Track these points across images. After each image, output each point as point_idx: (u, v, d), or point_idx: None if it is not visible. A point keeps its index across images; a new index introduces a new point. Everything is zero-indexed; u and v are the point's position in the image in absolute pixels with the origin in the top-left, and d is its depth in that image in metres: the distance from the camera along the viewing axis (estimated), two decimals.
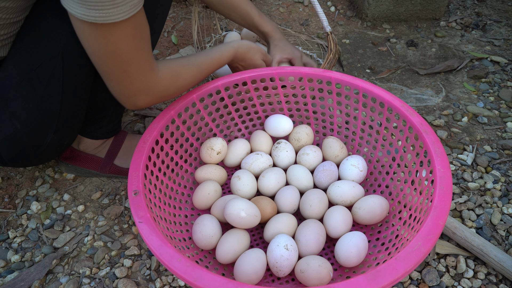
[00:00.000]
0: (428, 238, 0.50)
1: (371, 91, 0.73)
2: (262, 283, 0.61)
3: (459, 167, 0.86)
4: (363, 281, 0.45)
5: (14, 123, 0.63)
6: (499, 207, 0.78)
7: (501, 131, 0.95)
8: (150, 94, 0.61)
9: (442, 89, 1.07)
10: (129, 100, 0.61)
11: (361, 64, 1.16)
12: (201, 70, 0.70)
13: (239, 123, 0.85)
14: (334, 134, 0.83)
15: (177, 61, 0.66)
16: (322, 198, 0.68)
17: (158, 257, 0.50)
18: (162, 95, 0.63)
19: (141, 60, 0.56)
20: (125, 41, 0.52)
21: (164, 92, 0.63)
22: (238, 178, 0.72)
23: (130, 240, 0.74)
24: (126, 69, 0.55)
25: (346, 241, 0.61)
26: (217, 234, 0.64)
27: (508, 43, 1.23)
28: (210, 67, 0.72)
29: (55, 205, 0.80)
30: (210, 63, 0.72)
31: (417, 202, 0.62)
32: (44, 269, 0.69)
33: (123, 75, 0.56)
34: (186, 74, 0.66)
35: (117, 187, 0.83)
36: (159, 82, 0.61)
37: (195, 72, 0.68)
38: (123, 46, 0.52)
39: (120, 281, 0.67)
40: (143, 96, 0.60)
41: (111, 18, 0.48)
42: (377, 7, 1.28)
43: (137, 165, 0.61)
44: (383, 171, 0.75)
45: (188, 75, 0.67)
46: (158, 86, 0.61)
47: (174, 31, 1.28)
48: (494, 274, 0.68)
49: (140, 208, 0.55)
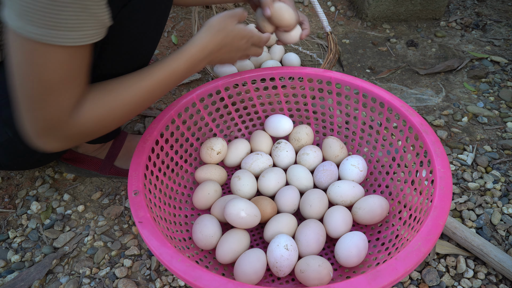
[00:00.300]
0: (428, 238, 0.50)
1: (371, 91, 0.73)
2: (262, 283, 0.61)
3: (459, 167, 0.86)
4: (363, 281, 0.45)
5: (6, 131, 0.61)
6: (499, 207, 0.78)
7: (501, 131, 0.95)
8: (61, 137, 0.51)
9: (442, 89, 1.07)
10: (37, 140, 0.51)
11: (361, 64, 1.16)
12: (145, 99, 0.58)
13: (239, 123, 0.85)
14: (334, 134, 0.83)
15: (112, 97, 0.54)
16: (322, 198, 0.68)
17: (158, 257, 0.50)
18: (77, 140, 0.54)
19: (64, 96, 0.48)
20: (56, 68, 0.46)
21: (80, 137, 0.54)
22: (238, 178, 0.72)
23: (130, 240, 0.74)
24: (44, 99, 0.47)
25: (346, 241, 0.60)
26: (217, 234, 0.64)
27: (508, 43, 1.23)
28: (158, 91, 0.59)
29: (55, 205, 0.80)
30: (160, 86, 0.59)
31: (417, 202, 0.62)
32: (44, 269, 0.69)
33: (39, 105, 0.48)
34: (120, 111, 0.55)
35: (117, 187, 0.83)
36: (75, 127, 0.51)
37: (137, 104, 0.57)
38: (50, 72, 0.46)
39: (120, 281, 0.67)
40: (52, 138, 0.51)
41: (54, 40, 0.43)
42: (377, 7, 1.28)
43: (137, 165, 0.61)
44: (383, 171, 0.75)
45: (123, 111, 0.55)
46: (73, 130, 0.51)
47: (174, 31, 1.28)
48: (494, 274, 0.68)
49: (140, 208, 0.55)
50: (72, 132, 0.51)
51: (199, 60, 0.62)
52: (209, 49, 0.63)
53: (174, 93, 1.05)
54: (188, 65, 0.61)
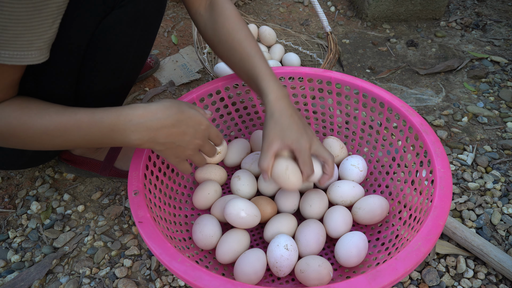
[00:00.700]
0: (428, 238, 0.50)
1: (371, 91, 0.73)
2: (262, 283, 0.61)
3: (459, 167, 0.86)
4: (363, 281, 0.45)
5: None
6: (499, 207, 0.78)
7: (501, 131, 0.95)
8: None
9: (442, 89, 1.07)
10: None
11: (361, 64, 1.16)
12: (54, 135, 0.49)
13: (239, 123, 0.85)
14: (334, 134, 0.83)
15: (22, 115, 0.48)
16: (322, 198, 0.68)
17: (158, 257, 0.50)
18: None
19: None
20: None
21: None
22: (238, 178, 0.72)
23: (130, 240, 0.74)
24: None
25: (346, 241, 0.60)
26: (217, 234, 0.64)
27: (508, 43, 1.23)
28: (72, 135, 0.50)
29: (55, 205, 0.80)
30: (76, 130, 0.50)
31: (417, 202, 0.62)
32: (44, 269, 0.69)
33: None
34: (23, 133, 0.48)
35: (117, 187, 0.83)
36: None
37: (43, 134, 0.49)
38: None
39: (120, 281, 0.67)
40: None
41: None
42: (377, 7, 1.28)
43: (137, 165, 0.61)
44: (383, 171, 0.75)
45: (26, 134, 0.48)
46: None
47: (174, 31, 1.28)
48: (494, 274, 0.68)
49: (140, 208, 0.55)
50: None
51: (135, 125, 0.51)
52: (158, 117, 0.51)
53: (174, 93, 1.05)
54: (119, 124, 0.50)
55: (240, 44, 0.64)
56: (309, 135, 0.61)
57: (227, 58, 0.67)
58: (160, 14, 0.63)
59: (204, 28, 0.68)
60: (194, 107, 0.57)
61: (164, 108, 0.52)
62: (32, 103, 0.49)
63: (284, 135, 0.59)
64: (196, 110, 0.57)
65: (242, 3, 1.38)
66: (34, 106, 0.49)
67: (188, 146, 0.56)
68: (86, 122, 0.50)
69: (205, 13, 0.68)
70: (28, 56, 0.43)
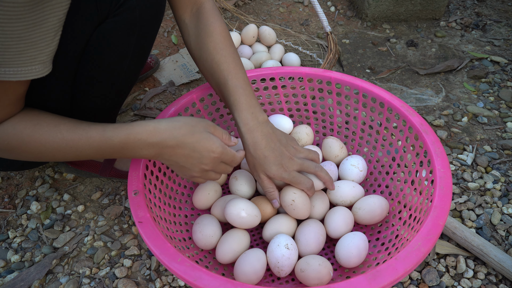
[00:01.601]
0: (428, 238, 0.50)
1: (371, 91, 0.73)
2: (262, 283, 0.61)
3: (459, 167, 0.86)
4: (363, 281, 0.46)
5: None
6: (499, 207, 0.78)
7: (501, 131, 0.95)
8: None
9: (442, 89, 1.07)
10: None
11: (361, 64, 1.16)
12: (65, 152, 0.51)
13: None
14: (334, 134, 0.83)
15: (33, 130, 0.49)
16: (323, 199, 0.68)
17: (158, 257, 0.50)
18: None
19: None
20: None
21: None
22: (235, 178, 0.72)
23: (130, 240, 0.74)
24: None
25: (347, 242, 0.60)
26: (217, 234, 0.64)
27: (508, 43, 1.23)
28: (83, 151, 0.51)
29: (55, 205, 0.80)
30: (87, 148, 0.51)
31: (417, 202, 0.62)
32: (44, 269, 0.69)
33: None
34: (34, 147, 0.49)
35: (117, 187, 0.83)
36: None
37: (53, 150, 0.50)
38: None
39: (120, 281, 0.67)
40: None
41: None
42: (377, 7, 1.28)
43: (137, 165, 0.61)
44: (383, 171, 0.75)
45: (37, 149, 0.50)
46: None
47: (174, 31, 1.28)
48: (494, 274, 0.68)
49: (140, 208, 0.55)
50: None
51: (144, 143, 0.52)
52: (163, 138, 0.52)
53: (174, 93, 1.05)
54: (129, 142, 0.52)
55: (218, 66, 0.62)
56: (288, 155, 0.60)
57: (206, 77, 0.66)
58: (157, 22, 0.62)
59: (187, 38, 0.66)
60: (213, 131, 0.55)
61: (173, 129, 0.53)
62: (42, 120, 0.50)
63: (265, 169, 0.59)
64: (212, 135, 0.55)
65: (242, 3, 1.38)
66: (45, 124, 0.50)
67: (192, 168, 0.56)
68: (97, 140, 0.51)
69: (190, 23, 0.65)
70: (32, 71, 0.43)
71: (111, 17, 0.54)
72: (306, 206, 0.63)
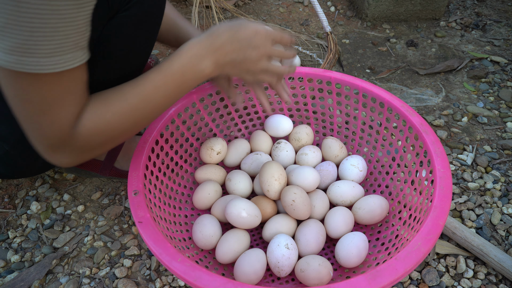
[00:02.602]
0: (428, 238, 0.50)
1: (371, 91, 0.73)
2: (262, 283, 0.61)
3: (459, 167, 0.86)
4: (363, 281, 0.46)
5: (3, 146, 0.60)
6: (499, 207, 0.78)
7: (501, 131, 0.95)
8: (70, 152, 0.50)
9: (442, 89, 1.07)
10: (49, 157, 0.50)
11: (361, 64, 1.16)
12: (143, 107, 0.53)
13: (239, 123, 0.85)
14: (334, 134, 0.83)
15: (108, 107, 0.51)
16: (323, 199, 0.68)
17: (158, 257, 0.50)
18: (86, 153, 0.52)
19: (59, 115, 0.46)
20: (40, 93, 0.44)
21: (88, 150, 0.51)
22: (229, 180, 0.72)
23: (130, 240, 0.74)
24: (40, 120, 0.46)
25: (347, 242, 0.60)
26: (217, 234, 0.64)
27: (508, 43, 1.23)
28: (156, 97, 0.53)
29: (55, 205, 0.80)
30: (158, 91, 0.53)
31: (417, 202, 0.62)
32: (44, 269, 0.69)
33: (37, 125, 0.47)
34: (119, 121, 0.51)
35: (117, 187, 0.83)
36: (79, 141, 0.49)
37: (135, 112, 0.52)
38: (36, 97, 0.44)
39: (120, 281, 0.67)
40: (62, 154, 0.50)
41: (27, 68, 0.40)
42: (377, 7, 1.28)
43: (137, 165, 0.61)
44: (383, 171, 0.75)
45: (122, 121, 0.52)
46: (78, 144, 0.50)
47: None
48: (494, 274, 0.68)
49: (140, 208, 0.55)
50: (78, 145, 0.50)
51: (199, 56, 0.53)
52: (213, 42, 0.53)
53: None
54: (184, 63, 0.53)
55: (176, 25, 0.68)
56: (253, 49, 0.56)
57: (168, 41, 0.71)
58: (161, 15, 0.62)
59: None
60: (257, 22, 0.57)
61: (217, 34, 0.54)
62: (105, 96, 0.51)
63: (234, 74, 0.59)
64: (256, 23, 0.56)
65: (242, 3, 1.38)
66: (110, 96, 0.51)
67: (251, 58, 0.56)
68: (160, 78, 0.52)
69: None
70: (80, 56, 0.44)
71: (121, 11, 0.54)
72: (306, 206, 0.63)
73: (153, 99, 0.53)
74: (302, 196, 0.63)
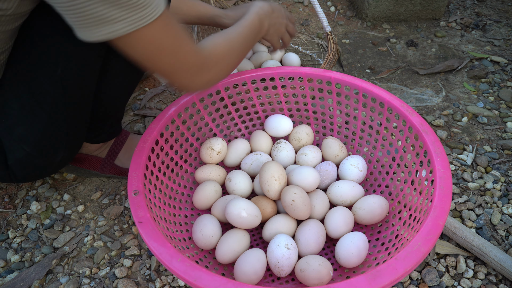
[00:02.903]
0: (428, 238, 0.50)
1: (371, 91, 0.73)
2: (262, 283, 0.61)
3: (459, 167, 0.86)
4: (363, 281, 0.46)
5: (23, 147, 0.62)
6: (499, 207, 0.78)
7: (501, 131, 0.95)
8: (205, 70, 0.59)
9: (442, 89, 1.07)
10: (194, 85, 0.59)
11: (361, 64, 1.16)
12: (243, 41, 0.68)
13: (239, 123, 0.85)
14: (334, 134, 0.83)
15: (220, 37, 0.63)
16: (323, 199, 0.68)
17: (158, 257, 0.50)
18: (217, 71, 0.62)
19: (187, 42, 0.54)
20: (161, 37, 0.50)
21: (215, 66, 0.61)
22: (229, 180, 0.72)
23: (130, 240, 0.74)
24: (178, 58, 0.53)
25: (347, 242, 0.60)
26: (217, 234, 0.64)
27: (508, 43, 1.23)
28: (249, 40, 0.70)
29: (55, 205, 0.80)
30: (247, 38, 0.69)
31: (417, 202, 0.62)
32: (44, 269, 0.69)
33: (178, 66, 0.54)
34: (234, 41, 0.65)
35: (117, 187, 0.83)
36: (208, 57, 0.59)
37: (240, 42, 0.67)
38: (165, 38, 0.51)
39: (120, 281, 0.67)
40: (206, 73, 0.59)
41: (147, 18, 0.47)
42: (377, 7, 1.28)
43: (137, 165, 0.61)
44: (383, 171, 0.75)
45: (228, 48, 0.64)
46: (211, 61, 0.59)
47: None
48: (494, 274, 0.68)
49: (140, 208, 0.55)
50: (211, 62, 0.59)
51: (263, 16, 0.73)
52: (267, 10, 0.74)
53: (174, 93, 1.05)
54: (257, 21, 0.71)
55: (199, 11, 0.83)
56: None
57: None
58: None
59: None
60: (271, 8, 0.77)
61: (267, 5, 0.75)
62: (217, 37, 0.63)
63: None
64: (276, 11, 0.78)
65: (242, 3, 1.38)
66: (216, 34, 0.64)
67: (282, 23, 0.80)
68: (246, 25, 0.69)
69: None
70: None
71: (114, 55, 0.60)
72: (306, 206, 0.63)
73: (242, 37, 0.67)
74: (302, 196, 0.63)
